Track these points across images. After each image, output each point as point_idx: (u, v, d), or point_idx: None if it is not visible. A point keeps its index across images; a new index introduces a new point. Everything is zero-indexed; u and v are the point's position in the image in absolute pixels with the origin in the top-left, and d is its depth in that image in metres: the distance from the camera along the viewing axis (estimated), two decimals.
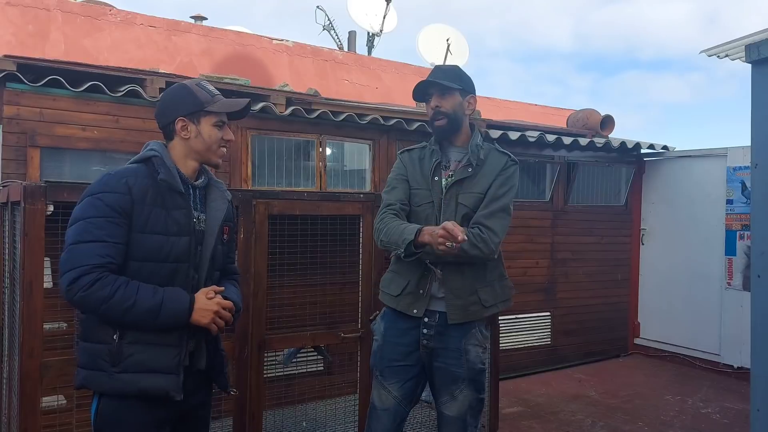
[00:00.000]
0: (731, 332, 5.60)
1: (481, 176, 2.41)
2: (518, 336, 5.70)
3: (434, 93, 2.43)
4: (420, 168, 2.48)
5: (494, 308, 2.45)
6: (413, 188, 2.47)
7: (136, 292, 1.78)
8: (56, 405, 2.84)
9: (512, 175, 2.44)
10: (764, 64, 2.43)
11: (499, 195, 2.38)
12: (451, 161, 2.47)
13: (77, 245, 1.77)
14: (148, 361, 1.83)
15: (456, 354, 2.37)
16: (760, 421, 2.41)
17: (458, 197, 2.39)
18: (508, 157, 2.47)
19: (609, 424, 4.40)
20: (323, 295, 3.62)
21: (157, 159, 1.92)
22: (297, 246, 3.44)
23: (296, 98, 4.64)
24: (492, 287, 2.43)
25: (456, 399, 2.37)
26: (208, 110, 1.97)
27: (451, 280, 2.36)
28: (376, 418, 2.45)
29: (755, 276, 2.45)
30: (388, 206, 2.45)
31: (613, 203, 6.45)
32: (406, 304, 2.41)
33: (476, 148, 2.44)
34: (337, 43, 8.94)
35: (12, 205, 2.73)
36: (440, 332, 2.38)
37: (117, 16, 6.50)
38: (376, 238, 2.46)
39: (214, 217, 2.03)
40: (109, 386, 1.82)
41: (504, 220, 2.36)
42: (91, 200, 1.82)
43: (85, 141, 3.77)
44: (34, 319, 2.47)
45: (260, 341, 3.05)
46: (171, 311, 1.82)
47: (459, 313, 2.35)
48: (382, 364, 2.46)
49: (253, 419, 3.03)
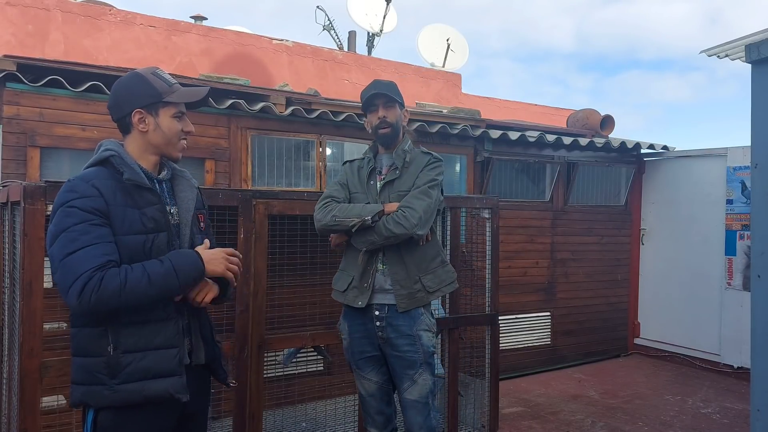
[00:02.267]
0: (731, 332, 5.60)
1: (407, 176, 2.66)
2: (518, 336, 5.70)
3: (380, 104, 2.68)
4: (358, 175, 2.76)
5: (438, 293, 2.67)
6: (352, 192, 2.73)
7: (143, 269, 1.73)
8: (56, 405, 2.84)
9: (433, 168, 2.66)
10: (764, 64, 2.43)
11: (419, 183, 2.61)
12: (384, 166, 2.74)
13: (68, 257, 1.68)
14: (149, 367, 1.77)
15: (410, 340, 2.58)
16: (761, 421, 2.41)
17: (390, 197, 2.64)
18: (431, 155, 2.72)
19: (609, 424, 4.40)
20: (323, 295, 3.62)
21: (115, 158, 1.82)
22: (297, 246, 3.44)
23: (296, 98, 4.64)
24: (434, 273, 2.64)
25: (416, 383, 2.58)
26: (167, 101, 1.87)
27: (396, 273, 2.59)
28: (368, 404, 2.71)
29: (755, 276, 2.46)
30: (332, 198, 2.69)
31: (613, 203, 6.45)
32: (351, 298, 2.64)
33: (402, 153, 2.69)
34: (337, 43, 8.94)
35: (12, 205, 2.73)
36: (391, 322, 2.59)
37: (117, 16, 6.50)
38: (321, 216, 2.62)
39: (186, 208, 1.97)
40: (111, 399, 1.75)
41: (423, 200, 2.55)
42: (64, 210, 1.73)
43: (85, 141, 3.77)
44: (34, 319, 2.46)
45: (260, 341, 3.05)
46: (187, 269, 1.79)
47: (406, 301, 2.57)
48: (355, 357, 2.70)
49: (253, 419, 3.03)
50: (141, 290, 1.71)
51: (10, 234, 2.78)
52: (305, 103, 4.59)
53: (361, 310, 2.63)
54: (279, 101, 4.45)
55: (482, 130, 5.32)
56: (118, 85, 1.91)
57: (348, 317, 2.71)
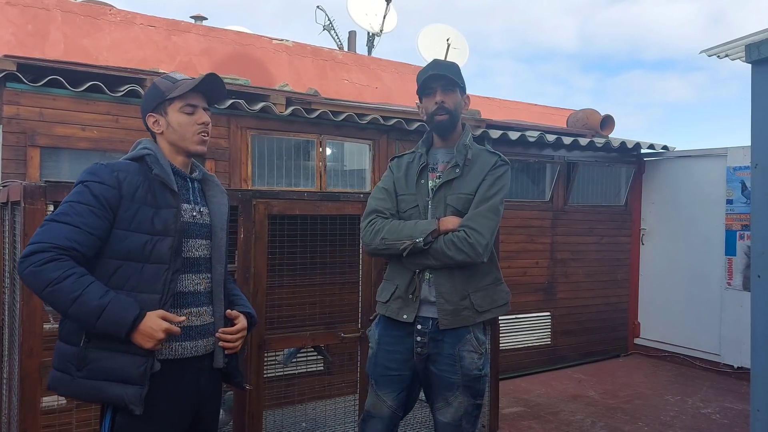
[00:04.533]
0: (731, 332, 5.60)
1: (470, 176, 2.34)
2: (518, 336, 5.70)
3: (438, 88, 2.36)
4: (406, 173, 2.44)
5: (489, 313, 2.37)
6: (400, 194, 2.43)
7: (86, 285, 1.67)
8: (56, 405, 2.84)
9: (502, 175, 2.37)
10: (764, 64, 2.42)
11: (489, 196, 2.31)
12: (439, 163, 2.42)
13: (51, 223, 1.73)
14: (112, 369, 1.73)
15: (450, 360, 2.31)
16: (761, 421, 2.41)
17: (447, 199, 2.34)
18: (498, 157, 2.41)
19: (609, 424, 4.39)
20: (323, 295, 3.62)
21: (150, 157, 1.87)
22: (297, 246, 3.44)
23: (296, 98, 4.64)
24: (486, 291, 2.35)
25: (451, 405, 2.32)
26: (171, 97, 1.90)
27: (441, 284, 2.30)
28: (370, 425, 2.43)
29: (755, 276, 2.45)
30: (378, 212, 2.40)
31: (613, 203, 6.45)
32: (395, 310, 2.36)
33: (463, 148, 2.38)
34: (337, 43, 8.93)
35: (12, 205, 2.73)
36: (434, 338, 2.32)
37: (117, 16, 6.50)
38: (370, 239, 2.37)
39: (220, 212, 2.00)
40: (71, 390, 1.76)
41: (492, 221, 2.28)
42: (79, 187, 1.79)
43: (85, 141, 3.77)
44: (34, 319, 2.46)
45: (260, 341, 3.05)
46: (113, 319, 1.68)
47: (450, 318, 2.29)
48: (377, 372, 2.42)
49: (253, 419, 3.03)
50: (62, 301, 1.67)
51: (10, 234, 2.78)
52: (305, 103, 4.59)
53: (400, 322, 2.35)
54: (279, 101, 4.45)
55: (482, 130, 5.32)
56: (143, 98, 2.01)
57: (381, 326, 2.43)
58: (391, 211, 2.41)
